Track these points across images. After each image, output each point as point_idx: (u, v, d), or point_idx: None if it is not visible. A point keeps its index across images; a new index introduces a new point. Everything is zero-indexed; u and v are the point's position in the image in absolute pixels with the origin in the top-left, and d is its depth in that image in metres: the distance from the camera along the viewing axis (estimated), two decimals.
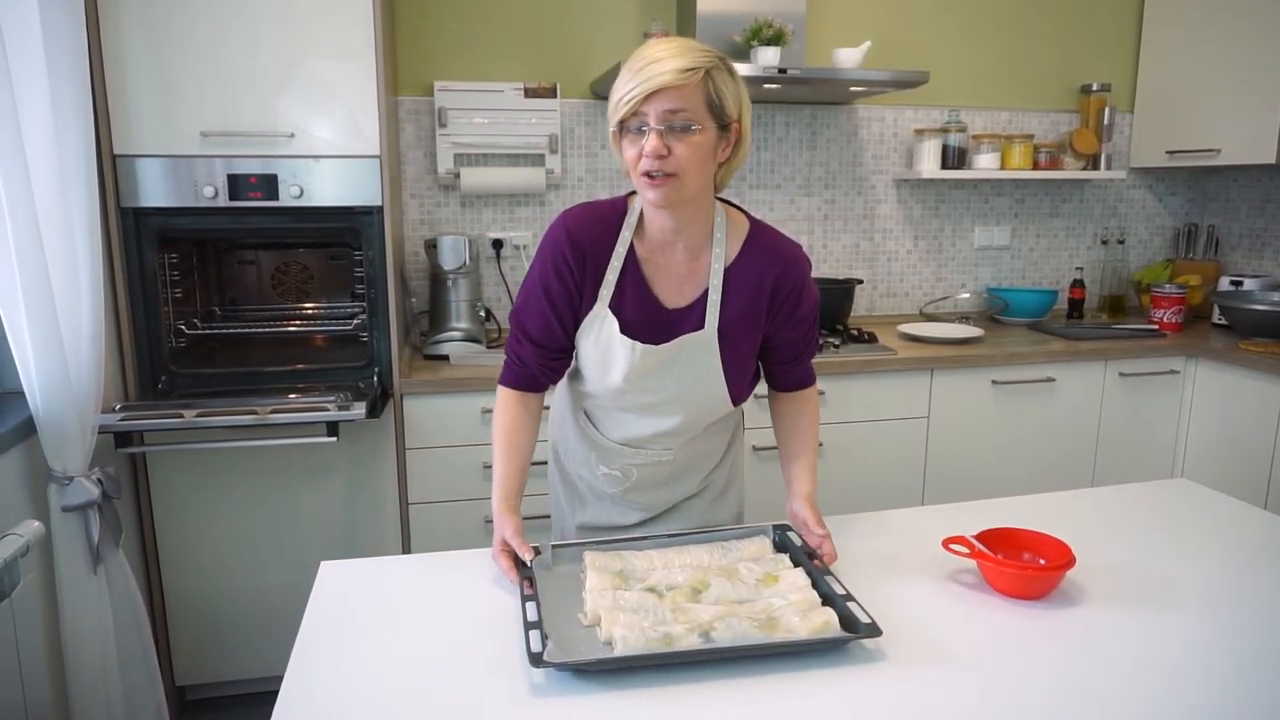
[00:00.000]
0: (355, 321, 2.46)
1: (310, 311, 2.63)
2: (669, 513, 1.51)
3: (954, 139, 2.96)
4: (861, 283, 2.99)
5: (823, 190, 3.05)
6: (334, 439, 2.09)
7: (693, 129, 1.17)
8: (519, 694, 0.98)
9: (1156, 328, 2.90)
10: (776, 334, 1.36)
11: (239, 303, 2.60)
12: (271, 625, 2.27)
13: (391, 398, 2.23)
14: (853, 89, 2.66)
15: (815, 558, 1.25)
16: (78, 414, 1.73)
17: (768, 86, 2.56)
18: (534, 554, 1.25)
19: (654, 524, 1.50)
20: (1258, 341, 2.69)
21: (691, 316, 1.32)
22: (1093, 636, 1.10)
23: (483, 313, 2.61)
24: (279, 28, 2.03)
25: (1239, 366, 2.58)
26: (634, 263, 1.32)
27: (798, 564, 1.24)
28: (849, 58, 2.65)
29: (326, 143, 2.10)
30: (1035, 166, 3.02)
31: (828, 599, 1.13)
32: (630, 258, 1.31)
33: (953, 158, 2.96)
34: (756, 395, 1.50)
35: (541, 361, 1.37)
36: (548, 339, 1.35)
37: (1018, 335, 2.88)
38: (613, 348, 1.31)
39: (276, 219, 2.14)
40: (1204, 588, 1.24)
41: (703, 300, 1.32)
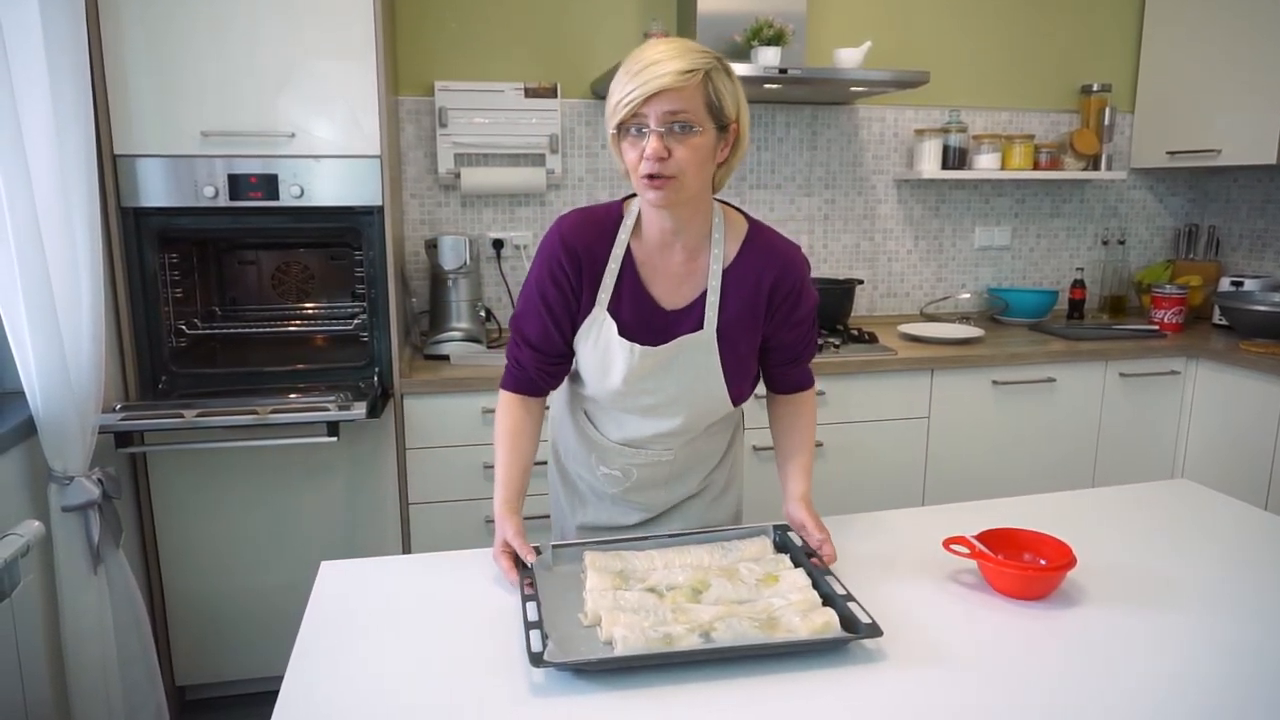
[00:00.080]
0: (355, 321, 2.47)
1: (310, 311, 2.63)
2: (669, 513, 1.51)
3: (954, 139, 2.96)
4: (862, 283, 2.99)
5: (823, 190, 3.05)
6: (334, 439, 2.09)
7: (693, 130, 1.17)
8: (519, 694, 0.98)
9: (1157, 328, 2.90)
10: (775, 335, 1.36)
11: (239, 303, 2.60)
12: (271, 625, 2.27)
13: (392, 398, 2.23)
14: (853, 89, 2.66)
15: (815, 557, 1.25)
16: (78, 414, 1.73)
17: (768, 86, 2.56)
18: (535, 555, 1.25)
19: (654, 524, 1.50)
20: (1258, 342, 2.69)
21: (690, 317, 1.32)
22: (1093, 637, 1.10)
23: (483, 313, 2.61)
24: (279, 27, 2.03)
25: (1239, 367, 2.58)
26: (631, 265, 1.32)
27: (798, 564, 1.24)
28: (849, 58, 2.65)
29: (327, 142, 2.10)
30: (1036, 167, 3.02)
31: (828, 599, 1.13)
32: (627, 260, 1.31)
33: (953, 158, 2.96)
34: (756, 395, 1.50)
35: (541, 366, 1.38)
36: (546, 345, 1.36)
37: (1018, 335, 2.88)
38: (611, 350, 1.31)
39: (277, 219, 2.14)
40: (1204, 588, 1.24)
41: (701, 301, 1.32)
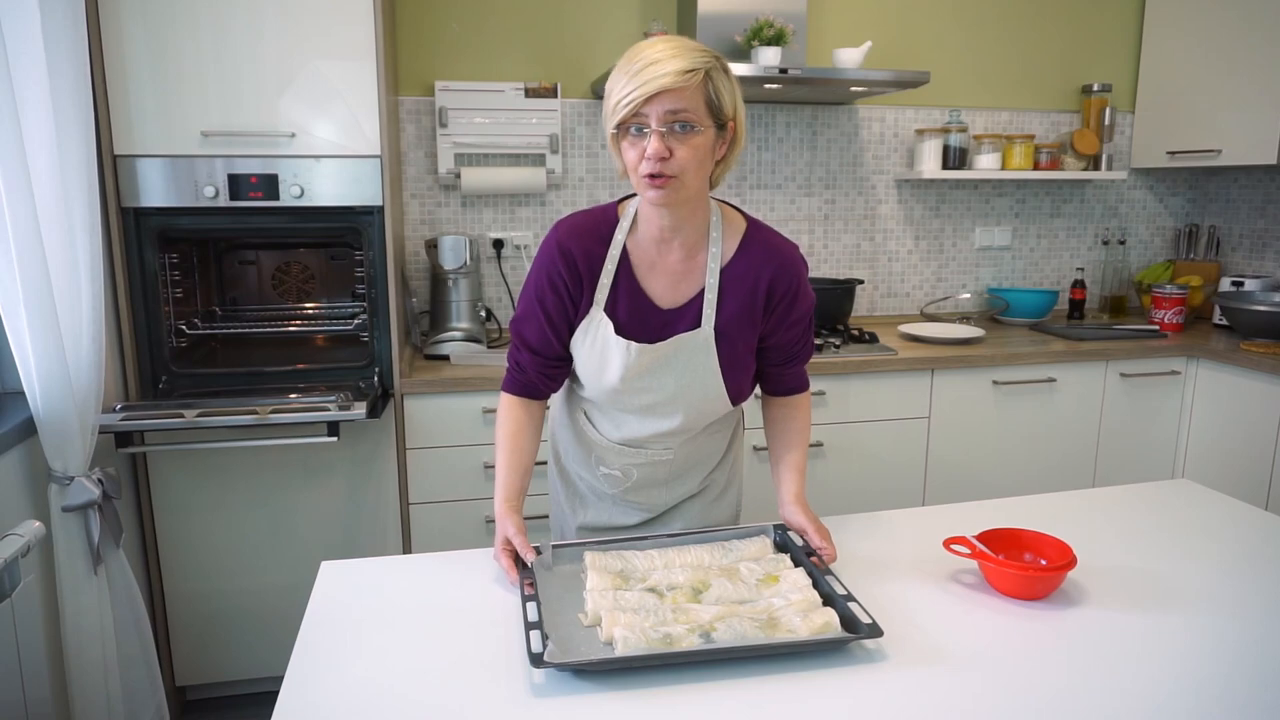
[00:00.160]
0: (356, 321, 2.46)
1: (311, 311, 2.63)
2: (669, 513, 1.51)
3: (955, 139, 2.95)
4: (862, 283, 2.99)
5: (823, 190, 3.05)
6: (334, 439, 2.09)
7: (694, 130, 1.17)
8: (519, 694, 0.98)
9: (1157, 328, 2.90)
10: (772, 335, 1.36)
11: (239, 303, 2.60)
12: (271, 625, 2.27)
13: (392, 398, 2.23)
14: (853, 89, 2.66)
15: (814, 556, 1.25)
16: (78, 414, 1.73)
17: (768, 86, 2.56)
18: (535, 554, 1.25)
19: (654, 524, 1.50)
20: (1259, 342, 2.69)
21: (687, 316, 1.32)
22: (1094, 637, 1.10)
23: (483, 313, 2.61)
24: (280, 27, 2.03)
25: (1240, 367, 2.58)
26: (627, 265, 1.32)
27: (798, 564, 1.24)
28: (850, 58, 2.65)
29: (327, 142, 2.10)
30: (1036, 167, 3.02)
31: (829, 599, 1.13)
32: (623, 260, 1.32)
33: (953, 158, 2.96)
34: (755, 395, 1.50)
35: (540, 369, 1.39)
36: (546, 348, 1.37)
37: (1018, 335, 2.88)
38: (608, 349, 1.32)
39: (277, 219, 2.14)
40: (1205, 588, 1.24)
41: (698, 300, 1.32)
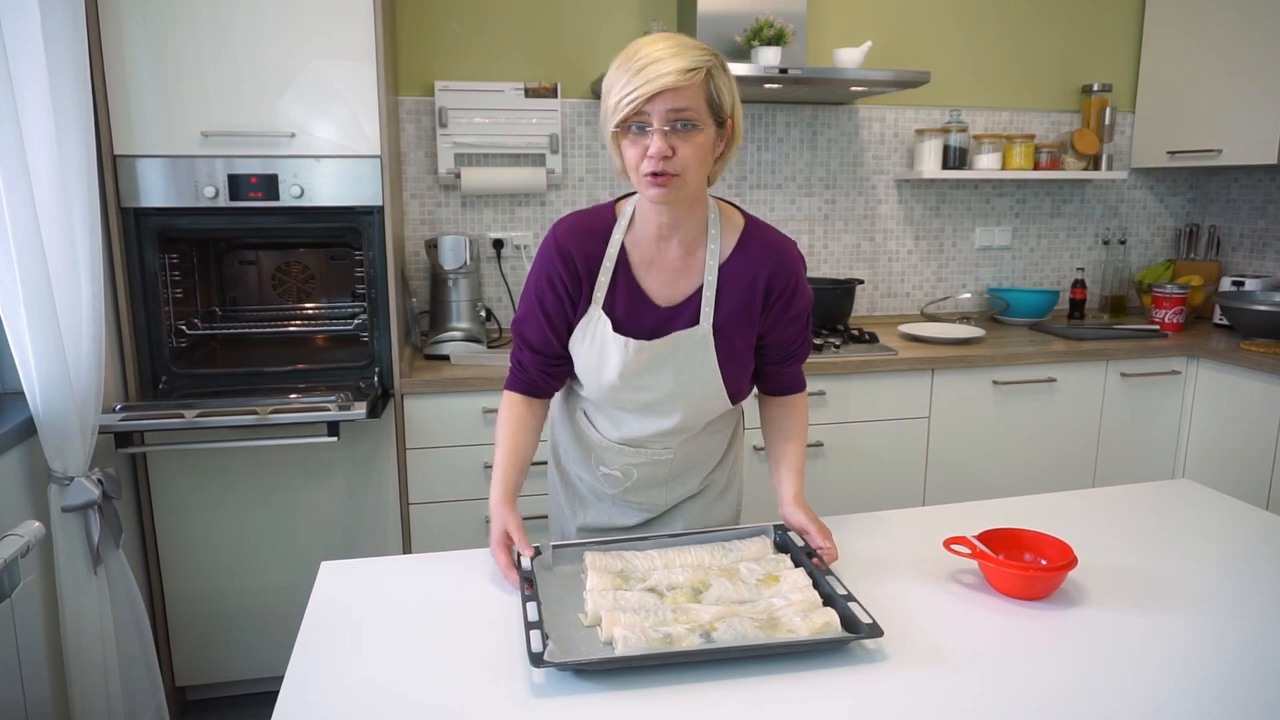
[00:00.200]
0: (356, 321, 2.46)
1: (311, 311, 2.63)
2: (669, 513, 1.51)
3: (955, 139, 2.95)
4: (862, 283, 2.98)
5: (823, 190, 3.05)
6: (334, 439, 2.09)
7: (695, 128, 1.18)
8: (519, 694, 0.98)
9: (1158, 328, 2.90)
10: (770, 333, 1.37)
11: (240, 303, 2.60)
12: (271, 625, 2.27)
13: (392, 398, 2.23)
14: (854, 89, 2.66)
15: (815, 556, 1.25)
16: (78, 414, 1.73)
17: (768, 86, 2.56)
18: (535, 552, 1.25)
19: (654, 525, 1.50)
20: (1259, 342, 2.69)
21: (685, 313, 1.32)
22: (1094, 637, 1.10)
23: (483, 313, 2.61)
24: (280, 27, 2.03)
25: (1240, 367, 2.58)
26: (625, 263, 1.33)
27: (799, 564, 1.24)
28: (850, 58, 2.65)
29: (327, 143, 2.10)
30: (1036, 167, 3.02)
31: (829, 599, 1.13)
32: (621, 259, 1.33)
33: (954, 158, 2.96)
34: (754, 395, 1.50)
35: (541, 368, 1.39)
36: (546, 347, 1.38)
37: (1019, 335, 2.88)
38: (606, 346, 1.32)
39: (277, 219, 2.14)
40: (1206, 588, 1.24)
41: (697, 297, 1.32)
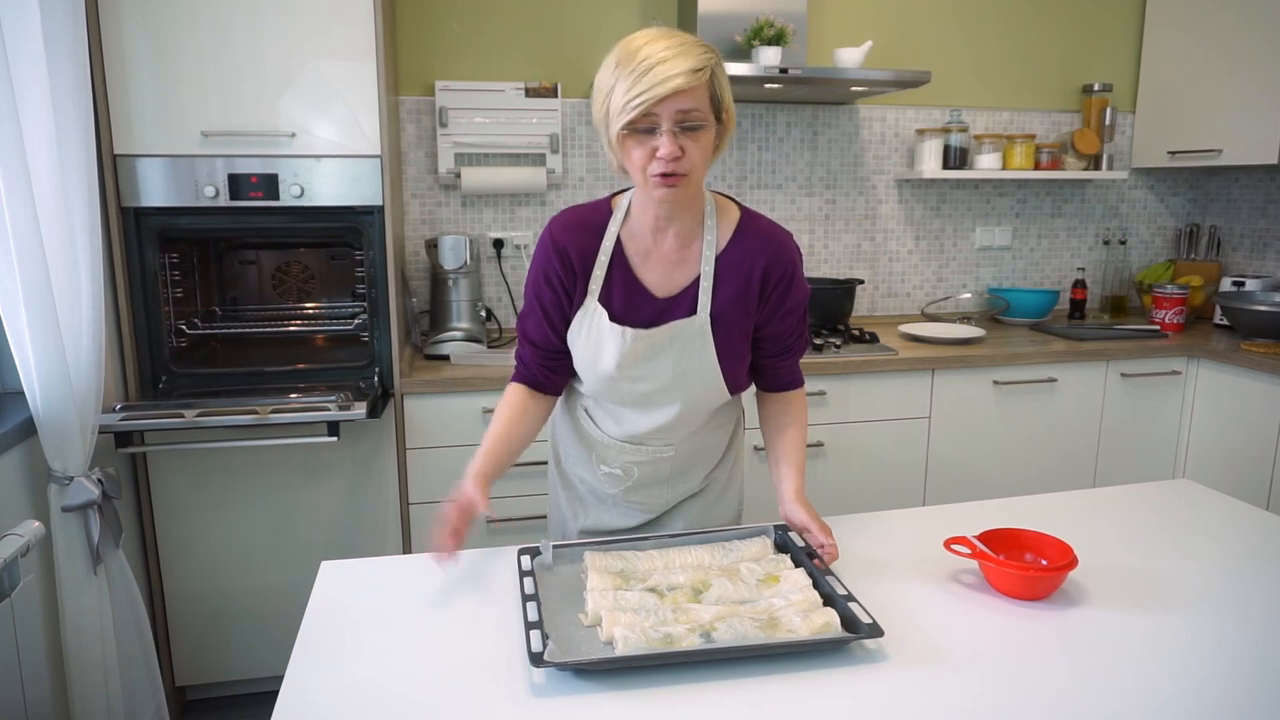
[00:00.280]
0: (356, 321, 2.46)
1: (311, 311, 2.63)
2: (670, 514, 1.51)
3: (955, 139, 2.95)
4: (863, 283, 2.98)
5: (824, 190, 3.05)
6: (335, 439, 2.09)
7: (702, 127, 1.19)
8: (519, 694, 0.98)
9: (1158, 328, 2.90)
10: (767, 325, 1.37)
11: (240, 302, 2.60)
12: (271, 625, 2.27)
13: (392, 397, 2.22)
14: (854, 89, 2.66)
15: (815, 556, 1.25)
16: (78, 414, 1.73)
17: (769, 86, 2.56)
18: (491, 508, 1.25)
19: (655, 526, 1.50)
20: (1259, 342, 2.69)
21: (682, 303, 1.33)
22: (1094, 637, 1.10)
23: (483, 312, 2.61)
24: (280, 27, 2.03)
25: (1240, 367, 2.58)
26: (621, 256, 1.34)
27: (799, 564, 1.24)
28: (850, 57, 2.65)
29: (327, 142, 2.10)
30: (1037, 166, 3.02)
31: (829, 599, 1.13)
32: (617, 251, 1.34)
33: (954, 158, 2.96)
34: (755, 395, 1.50)
35: (541, 362, 1.40)
36: (545, 342, 1.39)
37: (1019, 335, 2.88)
38: (603, 337, 1.32)
39: (277, 219, 2.14)
40: (1206, 588, 1.24)
41: (694, 288, 1.33)
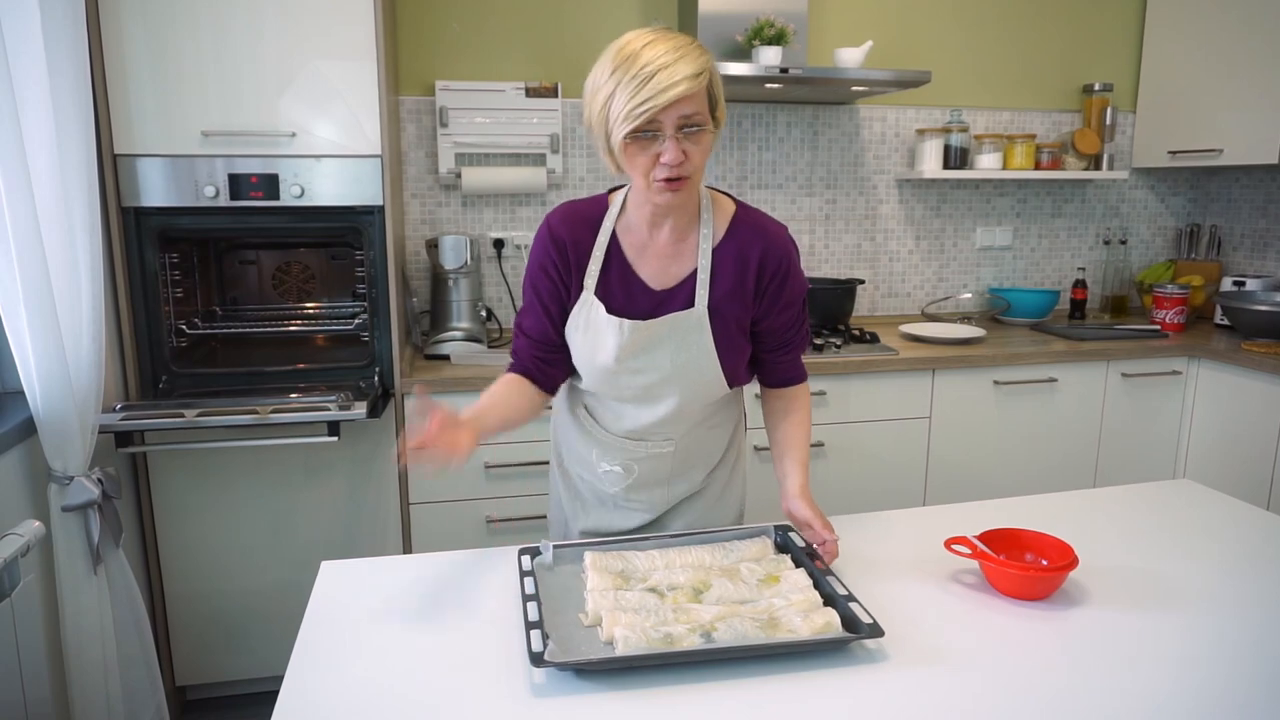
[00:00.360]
0: (356, 321, 2.46)
1: (311, 311, 2.63)
2: (670, 514, 1.51)
3: (956, 139, 2.95)
4: (863, 283, 2.98)
5: (824, 190, 3.05)
6: (335, 439, 2.09)
7: (703, 129, 1.20)
8: (519, 694, 0.98)
9: (1158, 328, 2.90)
10: (765, 319, 1.37)
11: (240, 302, 2.60)
12: (271, 625, 2.27)
13: (393, 397, 2.22)
14: (854, 89, 2.66)
15: (815, 557, 1.25)
16: (78, 414, 1.73)
17: (769, 86, 2.56)
18: (438, 409, 1.17)
19: (656, 527, 1.50)
20: (1260, 342, 2.69)
21: (679, 296, 1.33)
22: (1095, 637, 1.10)
23: (484, 312, 2.61)
24: (280, 27, 2.03)
25: (1241, 367, 2.58)
26: (618, 249, 1.34)
27: (799, 564, 1.24)
28: (851, 57, 2.65)
29: (328, 142, 2.10)
30: (1037, 166, 3.02)
31: (829, 599, 1.13)
32: (614, 245, 1.34)
33: (955, 158, 2.96)
34: (756, 395, 1.50)
35: (533, 353, 1.40)
36: (540, 334, 1.39)
37: (1020, 335, 2.87)
38: (601, 329, 1.33)
39: (277, 219, 2.14)
40: (1207, 588, 1.24)
41: (691, 281, 1.33)
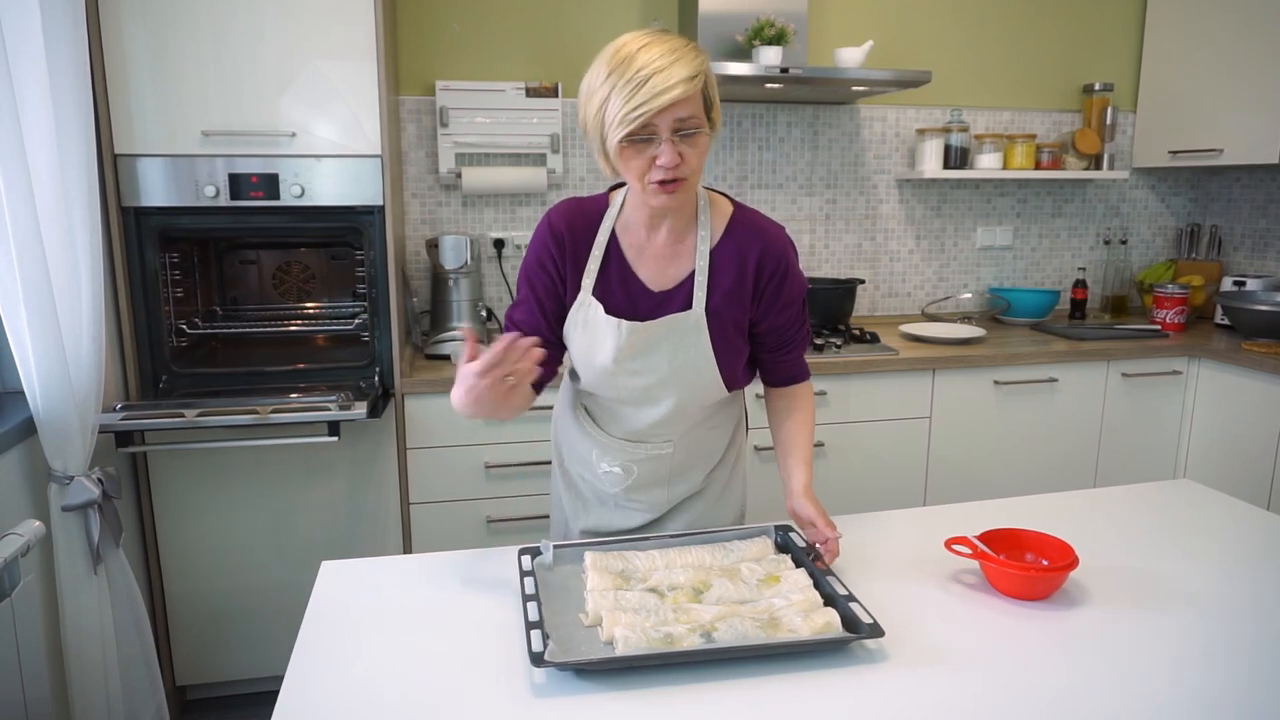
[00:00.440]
0: (356, 321, 2.46)
1: (311, 311, 2.63)
2: (671, 514, 1.51)
3: (956, 139, 2.95)
4: (863, 283, 2.98)
5: (825, 190, 3.05)
6: (335, 439, 2.09)
7: (699, 132, 1.19)
8: (519, 694, 0.98)
9: (1159, 328, 2.90)
10: (765, 319, 1.37)
11: (240, 302, 2.60)
12: (271, 625, 2.27)
13: (393, 397, 2.22)
14: (855, 89, 2.66)
15: (816, 557, 1.25)
16: (78, 413, 1.73)
17: (769, 86, 2.56)
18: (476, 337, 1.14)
19: (656, 527, 1.50)
20: (1260, 342, 2.69)
21: (678, 297, 1.33)
22: (1095, 637, 1.10)
23: (484, 312, 2.61)
24: (280, 27, 2.02)
25: (1241, 367, 2.58)
26: (617, 249, 1.34)
27: (800, 564, 1.23)
28: (851, 57, 2.65)
29: (328, 142, 2.10)
30: (1037, 166, 3.02)
31: (830, 599, 1.13)
32: (613, 244, 1.34)
33: (955, 157, 2.96)
34: (757, 395, 1.50)
35: None
36: (533, 329, 1.36)
37: (1020, 335, 2.87)
38: (600, 329, 1.33)
39: (278, 218, 2.14)
40: (1207, 589, 1.24)
41: (689, 282, 1.33)
